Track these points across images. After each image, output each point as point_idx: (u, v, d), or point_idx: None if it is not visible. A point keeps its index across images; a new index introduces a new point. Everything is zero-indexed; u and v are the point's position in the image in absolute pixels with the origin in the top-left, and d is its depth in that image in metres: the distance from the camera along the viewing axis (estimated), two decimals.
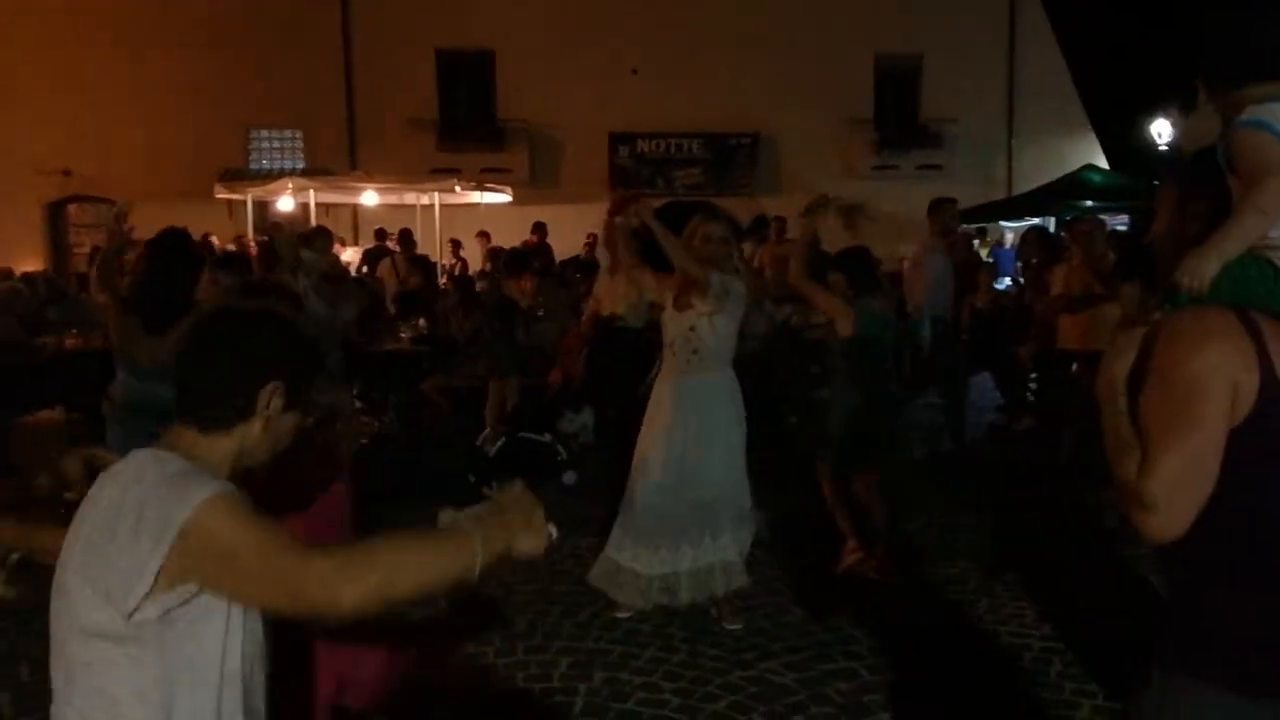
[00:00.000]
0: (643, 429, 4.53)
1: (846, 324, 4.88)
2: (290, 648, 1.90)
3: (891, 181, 18.46)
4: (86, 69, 17.29)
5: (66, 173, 17.95)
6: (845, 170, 19.14)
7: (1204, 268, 1.74)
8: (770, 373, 7.85)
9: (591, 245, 12.42)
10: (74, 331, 8.89)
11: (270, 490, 1.41)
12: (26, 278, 11.93)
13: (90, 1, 17.43)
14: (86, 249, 17.95)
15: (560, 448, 7.07)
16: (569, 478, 6.84)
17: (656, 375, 4.68)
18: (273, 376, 1.61)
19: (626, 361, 6.87)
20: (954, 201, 7.71)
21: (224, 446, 1.60)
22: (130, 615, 1.45)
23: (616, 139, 19.14)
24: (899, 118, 19.61)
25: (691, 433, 4.36)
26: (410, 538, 1.51)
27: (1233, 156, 1.82)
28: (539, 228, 14.03)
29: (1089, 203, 14.44)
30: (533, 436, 7.07)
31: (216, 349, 1.62)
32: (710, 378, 4.39)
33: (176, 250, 4.55)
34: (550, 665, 4.13)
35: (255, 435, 1.62)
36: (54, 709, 1.57)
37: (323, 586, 1.42)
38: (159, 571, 1.43)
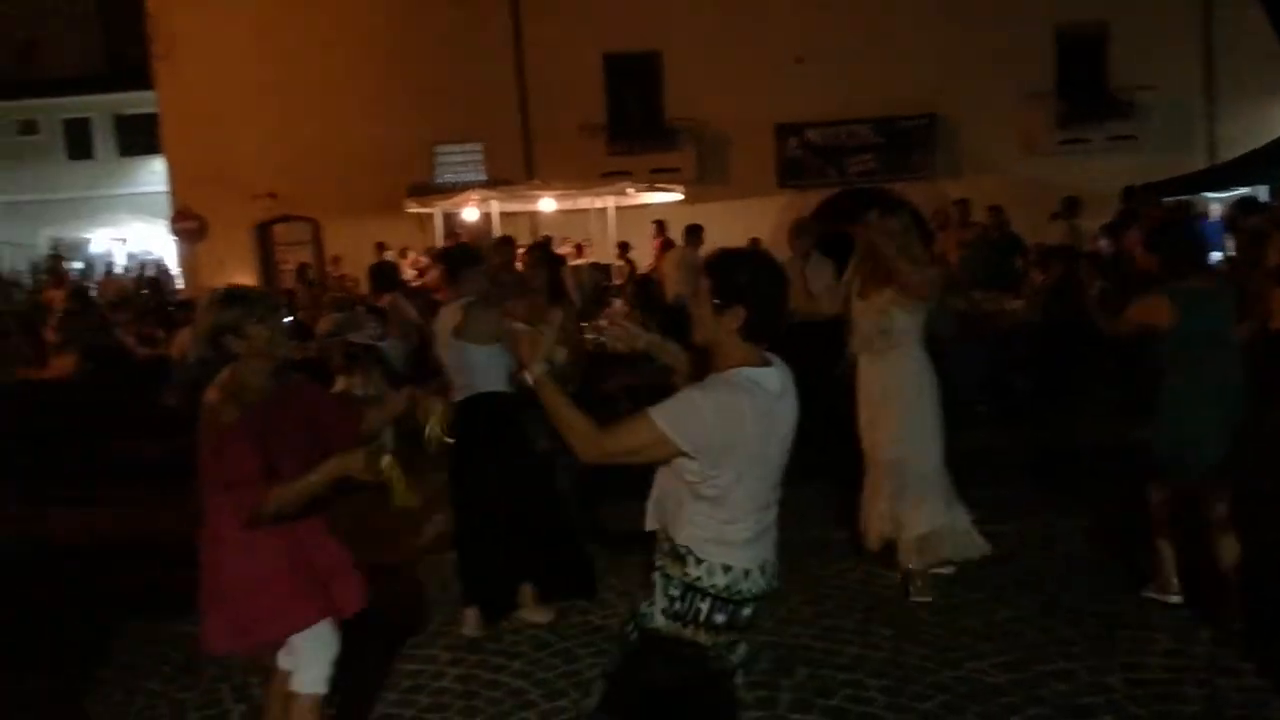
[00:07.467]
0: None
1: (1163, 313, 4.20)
2: None
3: (1079, 156, 17.61)
4: (287, 100, 18.56)
5: (273, 195, 19.34)
6: (1027, 146, 18.36)
7: None
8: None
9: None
10: (295, 344, 9.60)
11: None
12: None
13: (285, 47, 18.59)
14: (291, 265, 19.32)
15: None
16: None
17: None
18: None
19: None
20: None
21: None
22: None
23: (784, 130, 18.94)
24: (1085, 88, 18.48)
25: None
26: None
27: None
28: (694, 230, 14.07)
29: None
30: None
31: None
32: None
33: None
34: (750, 661, 4.18)
35: None
36: None
37: None
38: None
